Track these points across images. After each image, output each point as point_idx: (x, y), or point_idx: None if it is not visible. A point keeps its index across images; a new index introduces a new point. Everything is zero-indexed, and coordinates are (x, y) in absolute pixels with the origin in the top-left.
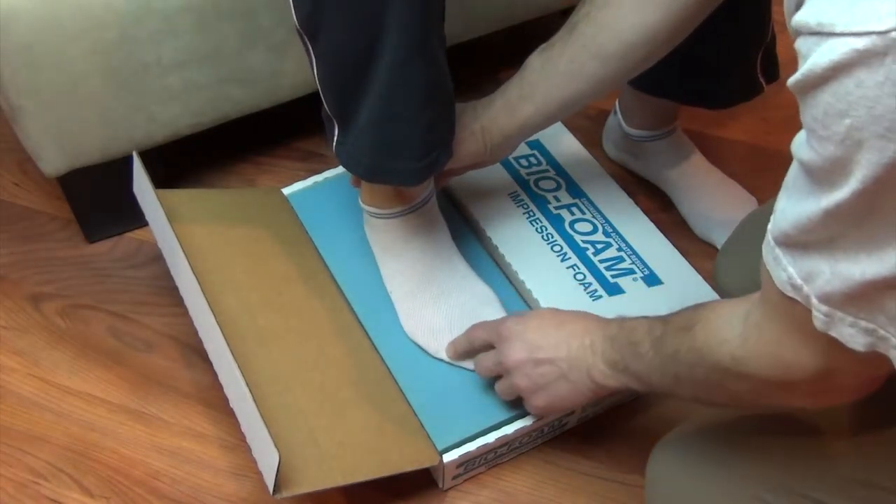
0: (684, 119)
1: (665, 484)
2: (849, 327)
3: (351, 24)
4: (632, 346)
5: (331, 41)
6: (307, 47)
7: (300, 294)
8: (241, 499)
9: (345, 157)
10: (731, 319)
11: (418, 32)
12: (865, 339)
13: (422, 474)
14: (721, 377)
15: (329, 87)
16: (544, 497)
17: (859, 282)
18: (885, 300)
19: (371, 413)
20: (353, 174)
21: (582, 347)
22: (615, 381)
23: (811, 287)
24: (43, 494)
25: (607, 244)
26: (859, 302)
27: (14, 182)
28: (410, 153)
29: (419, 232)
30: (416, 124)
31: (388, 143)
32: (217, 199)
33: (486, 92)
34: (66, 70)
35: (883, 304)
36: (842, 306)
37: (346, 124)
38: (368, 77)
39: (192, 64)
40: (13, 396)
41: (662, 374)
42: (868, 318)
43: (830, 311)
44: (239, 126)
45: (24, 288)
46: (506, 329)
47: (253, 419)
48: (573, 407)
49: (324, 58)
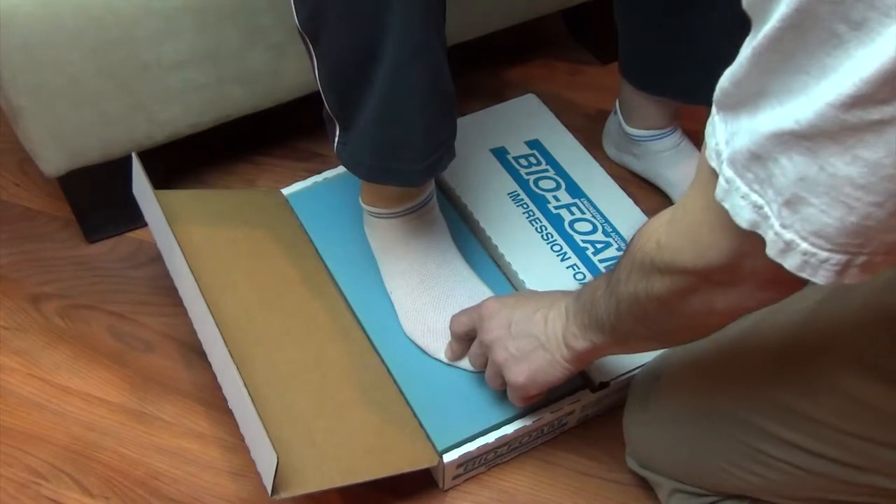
0: (684, 119)
1: (639, 440)
2: (741, 199)
3: (352, 25)
4: (592, 292)
5: (332, 42)
6: (308, 48)
7: (300, 295)
8: (240, 499)
9: (346, 158)
10: (662, 214)
11: (419, 33)
12: (751, 215)
13: (422, 474)
14: (646, 278)
15: (330, 88)
16: (544, 497)
17: (764, 135)
18: (781, 162)
19: (370, 414)
20: (355, 174)
21: (557, 314)
22: (585, 340)
23: (728, 150)
24: (43, 494)
25: (607, 244)
26: (757, 165)
27: (14, 182)
28: (412, 154)
29: (420, 232)
30: (418, 125)
31: (389, 145)
32: (216, 199)
33: (486, 92)
34: (66, 70)
35: (778, 167)
36: (742, 171)
37: (348, 125)
38: (370, 78)
39: (192, 64)
40: (13, 396)
41: (613, 311)
42: (760, 192)
43: (732, 177)
44: (239, 126)
45: (24, 288)
46: (485, 308)
47: (251, 420)
48: (554, 382)
49: (325, 59)
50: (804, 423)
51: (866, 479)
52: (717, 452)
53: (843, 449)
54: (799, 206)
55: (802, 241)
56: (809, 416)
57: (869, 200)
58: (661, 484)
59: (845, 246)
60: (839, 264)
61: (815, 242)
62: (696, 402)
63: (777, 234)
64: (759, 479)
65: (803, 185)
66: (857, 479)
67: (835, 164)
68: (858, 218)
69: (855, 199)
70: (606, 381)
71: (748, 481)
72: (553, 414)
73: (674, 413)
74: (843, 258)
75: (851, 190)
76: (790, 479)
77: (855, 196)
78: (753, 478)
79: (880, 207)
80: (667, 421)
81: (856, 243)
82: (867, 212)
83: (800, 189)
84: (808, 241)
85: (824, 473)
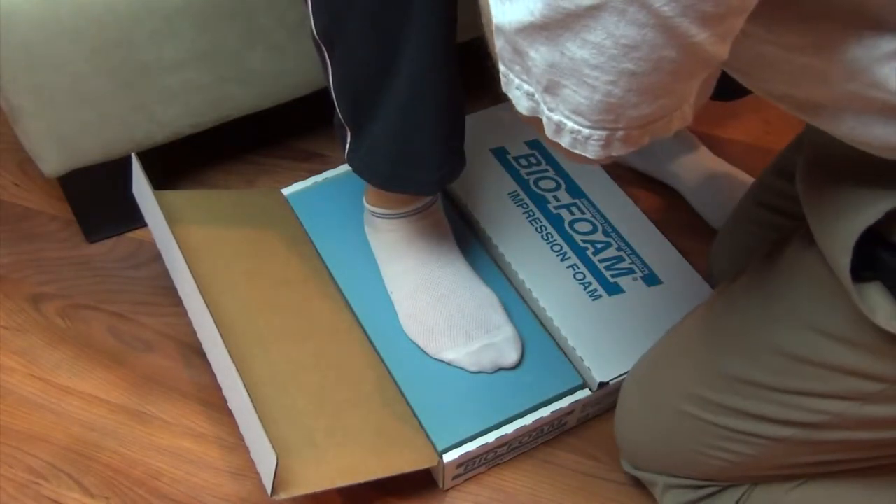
0: None
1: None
2: (516, 90)
3: (371, 37)
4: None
5: (349, 52)
6: (323, 56)
7: (300, 295)
8: (240, 499)
9: (359, 165)
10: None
11: (439, 47)
12: (527, 102)
13: (422, 474)
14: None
15: (344, 96)
16: (544, 497)
17: (511, 31)
18: (531, 54)
19: (370, 414)
20: (369, 182)
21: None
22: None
23: (498, 46)
24: (43, 494)
25: (607, 244)
26: (518, 57)
27: (14, 182)
28: (428, 164)
29: (423, 233)
30: (434, 136)
31: (405, 155)
32: (216, 200)
33: (487, 92)
34: (66, 70)
35: (530, 58)
36: (510, 64)
37: (360, 133)
38: (386, 89)
39: (192, 64)
40: (13, 396)
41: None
42: (528, 81)
43: (505, 71)
44: (239, 126)
45: (24, 288)
46: None
47: (251, 420)
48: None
49: (341, 67)
50: (750, 389)
51: (823, 436)
52: (688, 437)
53: (790, 408)
54: (556, 90)
55: (567, 120)
56: (752, 380)
57: (605, 80)
58: (655, 482)
59: (602, 122)
60: (602, 139)
61: (577, 121)
62: (654, 393)
63: (548, 118)
64: (734, 456)
65: (554, 71)
66: (815, 436)
67: (571, 49)
68: (602, 96)
69: (594, 78)
70: (606, 381)
71: (726, 459)
72: (553, 414)
73: (641, 408)
74: (603, 133)
75: (589, 70)
76: (762, 450)
77: (593, 76)
78: (729, 455)
79: (615, 86)
80: (640, 417)
81: (609, 119)
82: (606, 90)
83: (553, 75)
84: (571, 119)
85: (786, 438)
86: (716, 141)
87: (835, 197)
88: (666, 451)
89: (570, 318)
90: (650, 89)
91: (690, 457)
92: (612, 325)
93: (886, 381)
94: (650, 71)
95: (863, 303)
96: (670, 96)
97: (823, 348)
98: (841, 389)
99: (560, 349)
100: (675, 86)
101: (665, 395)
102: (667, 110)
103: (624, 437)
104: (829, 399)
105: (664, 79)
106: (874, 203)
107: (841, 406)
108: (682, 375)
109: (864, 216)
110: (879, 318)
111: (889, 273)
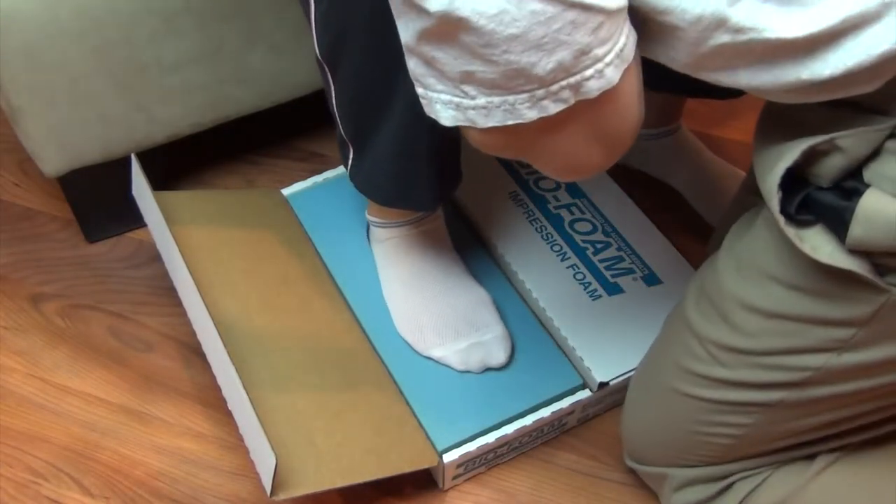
0: (684, 119)
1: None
2: (436, 104)
3: (373, 57)
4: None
5: (352, 73)
6: (326, 76)
7: (299, 295)
8: (240, 499)
9: (362, 182)
10: None
11: None
12: (451, 112)
13: (422, 474)
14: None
15: (347, 116)
16: (544, 497)
17: (412, 36)
18: (439, 47)
19: (370, 414)
20: (371, 200)
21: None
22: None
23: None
24: (43, 494)
25: (607, 244)
26: (427, 65)
27: (14, 182)
28: (429, 182)
29: (421, 239)
30: (436, 154)
31: (407, 172)
32: (216, 200)
33: None
34: (66, 70)
35: (438, 52)
36: (423, 76)
37: (363, 150)
38: (389, 109)
39: (192, 64)
40: (13, 396)
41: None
42: (443, 87)
43: (423, 92)
44: (239, 126)
45: (24, 288)
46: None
47: (250, 421)
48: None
49: (344, 87)
50: (731, 357)
51: (813, 393)
52: (684, 416)
53: (773, 370)
54: (471, 77)
55: (491, 97)
56: (732, 346)
57: (501, 50)
58: (663, 476)
59: (519, 87)
60: (527, 101)
61: (498, 93)
62: (650, 375)
63: (474, 107)
64: (733, 429)
65: (461, 61)
66: (805, 395)
67: (463, 38)
68: (504, 65)
69: (490, 53)
70: (606, 381)
71: (726, 434)
72: (553, 414)
73: (640, 395)
74: (525, 95)
75: (484, 49)
76: (757, 417)
77: (489, 52)
78: (728, 429)
79: (510, 53)
80: (640, 403)
81: (520, 82)
82: (506, 59)
83: (461, 65)
84: (493, 94)
85: (777, 402)
86: (715, 140)
87: (768, 148)
88: (667, 438)
89: (569, 318)
90: (538, 45)
91: (691, 439)
92: (612, 325)
93: (854, 324)
94: (528, 28)
95: (803, 243)
96: (563, 48)
97: (786, 300)
98: (815, 341)
99: (560, 349)
100: (559, 36)
101: (659, 375)
102: (573, 65)
103: (627, 426)
104: (807, 354)
105: (544, 31)
106: (796, 146)
107: (820, 359)
108: (673, 352)
109: (785, 159)
110: (822, 255)
111: (822, 210)
